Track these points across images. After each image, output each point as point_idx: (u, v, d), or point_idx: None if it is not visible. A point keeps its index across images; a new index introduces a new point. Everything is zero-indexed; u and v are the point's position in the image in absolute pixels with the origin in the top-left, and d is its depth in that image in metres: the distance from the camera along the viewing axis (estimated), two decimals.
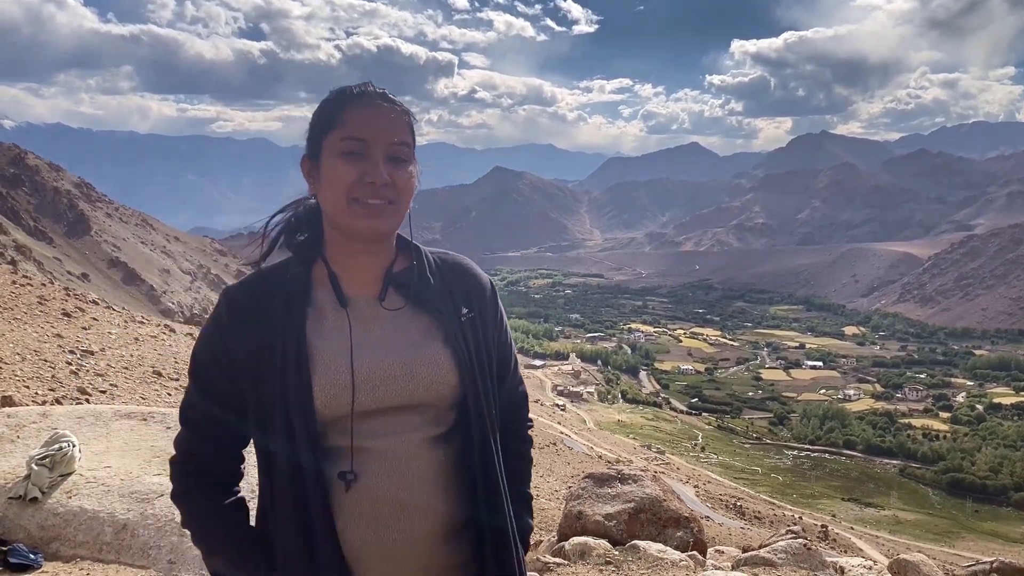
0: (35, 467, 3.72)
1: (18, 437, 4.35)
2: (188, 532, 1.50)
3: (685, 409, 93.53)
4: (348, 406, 1.36)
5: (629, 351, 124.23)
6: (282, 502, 1.37)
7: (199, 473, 1.47)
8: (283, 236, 1.53)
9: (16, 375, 8.16)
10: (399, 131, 1.41)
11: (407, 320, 1.46)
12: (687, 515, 5.53)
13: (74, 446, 3.93)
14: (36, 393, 7.73)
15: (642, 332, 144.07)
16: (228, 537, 1.46)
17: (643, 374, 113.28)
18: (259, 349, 1.38)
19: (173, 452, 1.50)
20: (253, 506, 1.50)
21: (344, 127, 1.39)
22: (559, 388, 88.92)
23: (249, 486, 1.52)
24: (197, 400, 1.45)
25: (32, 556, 3.42)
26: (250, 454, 1.50)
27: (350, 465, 1.37)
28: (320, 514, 1.35)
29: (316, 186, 1.44)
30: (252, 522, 1.50)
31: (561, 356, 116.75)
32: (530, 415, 1.74)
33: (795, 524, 26.20)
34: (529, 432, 1.72)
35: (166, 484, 3.77)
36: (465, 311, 1.50)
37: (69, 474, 3.80)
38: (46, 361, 8.95)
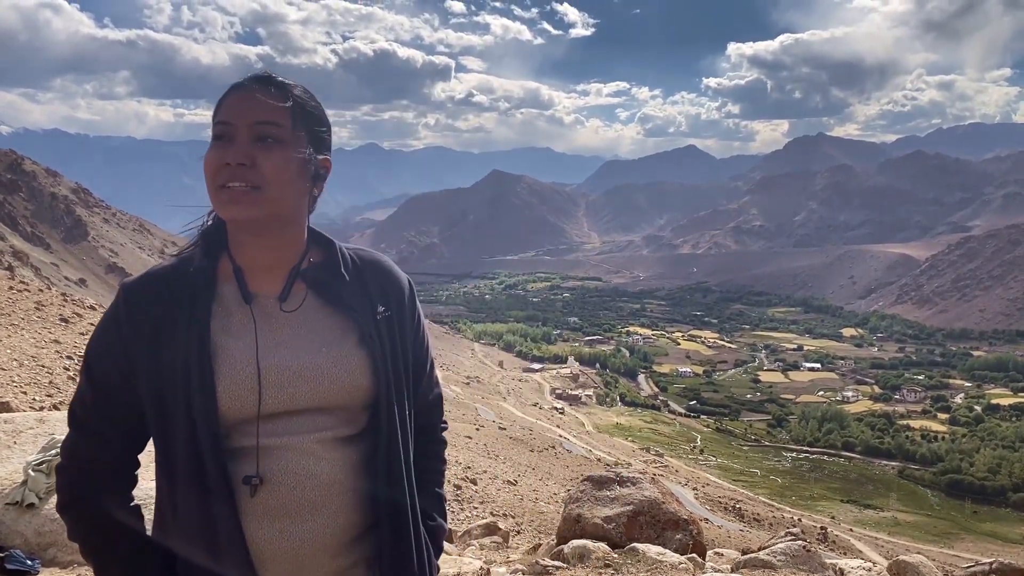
0: (32, 473, 3.71)
1: (15, 443, 4.33)
2: (77, 545, 1.38)
3: (683, 411, 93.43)
4: (254, 408, 1.29)
5: (627, 354, 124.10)
6: (185, 507, 1.30)
7: (89, 479, 1.36)
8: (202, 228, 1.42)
9: (13, 381, 8.15)
10: (268, 111, 1.30)
11: (319, 318, 1.38)
12: (686, 517, 5.53)
13: None
14: (33, 399, 7.72)
15: (640, 335, 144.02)
16: (122, 548, 1.35)
17: (641, 377, 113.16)
18: (159, 347, 1.29)
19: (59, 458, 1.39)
20: (148, 513, 1.40)
21: (216, 113, 1.33)
22: (557, 391, 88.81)
23: (143, 492, 1.41)
24: (89, 399, 1.35)
25: (29, 562, 3.41)
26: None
27: (255, 468, 1.29)
28: (226, 518, 1.28)
29: None
30: (148, 531, 1.39)
31: (559, 359, 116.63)
32: (444, 419, 1.70)
33: (794, 526, 26.18)
34: (443, 434, 1.68)
35: None
36: (382, 309, 1.43)
37: None
38: (43, 367, 8.94)
